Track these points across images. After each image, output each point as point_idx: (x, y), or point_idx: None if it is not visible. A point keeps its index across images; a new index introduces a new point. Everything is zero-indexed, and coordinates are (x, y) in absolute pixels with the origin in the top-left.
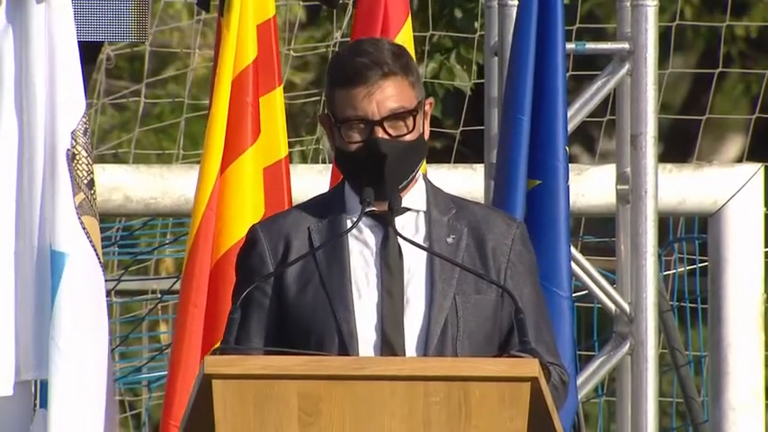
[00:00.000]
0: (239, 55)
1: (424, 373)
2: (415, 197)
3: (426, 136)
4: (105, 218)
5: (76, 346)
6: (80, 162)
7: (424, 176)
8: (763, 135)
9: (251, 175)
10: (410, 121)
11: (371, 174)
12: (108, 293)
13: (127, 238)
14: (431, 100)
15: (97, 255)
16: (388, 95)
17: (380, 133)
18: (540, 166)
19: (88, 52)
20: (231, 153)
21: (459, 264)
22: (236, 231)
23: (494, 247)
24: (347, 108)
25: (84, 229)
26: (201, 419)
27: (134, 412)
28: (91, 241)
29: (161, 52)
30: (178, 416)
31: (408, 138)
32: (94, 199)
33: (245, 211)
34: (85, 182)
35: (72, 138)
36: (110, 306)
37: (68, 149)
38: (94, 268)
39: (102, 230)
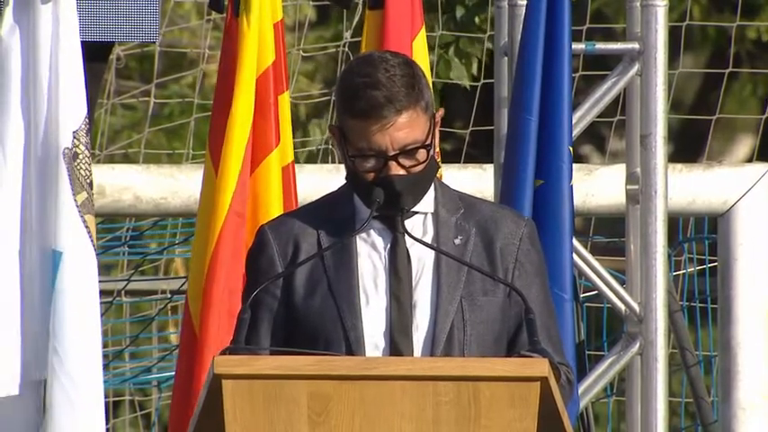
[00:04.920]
0: (261, 54)
1: (434, 372)
2: (423, 199)
3: (436, 147)
4: (115, 218)
5: (72, 345)
6: (83, 161)
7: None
8: None
9: (277, 174)
10: (423, 154)
11: (386, 203)
12: (118, 293)
13: (137, 238)
14: (441, 112)
15: (96, 253)
16: (402, 130)
17: (394, 168)
18: (543, 166)
19: (99, 52)
20: (259, 153)
21: (468, 263)
22: None
23: (502, 247)
24: (360, 140)
25: (86, 227)
26: (211, 419)
27: (144, 412)
28: (92, 240)
29: (171, 52)
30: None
31: (421, 167)
32: (93, 199)
33: (274, 211)
34: (88, 181)
35: (74, 137)
36: (119, 306)
37: (70, 148)
38: (92, 267)
39: (112, 230)
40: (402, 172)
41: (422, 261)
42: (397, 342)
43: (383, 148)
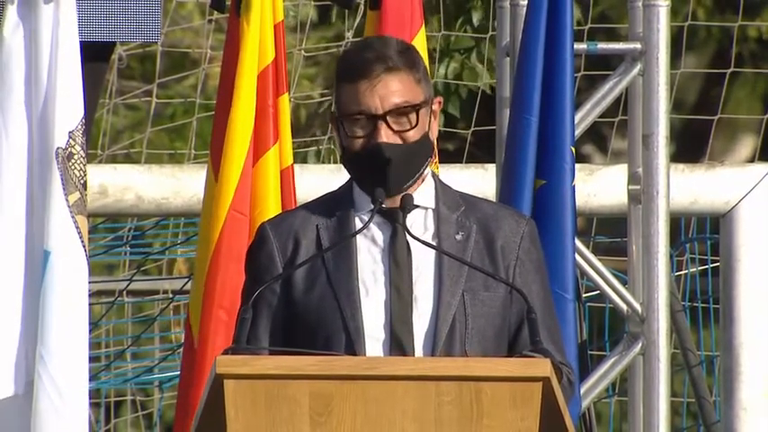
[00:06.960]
0: (261, 53)
1: (436, 372)
2: (423, 194)
3: (434, 135)
4: (117, 218)
5: (57, 350)
6: (77, 162)
7: (433, 174)
8: None
9: (275, 172)
10: (413, 117)
11: (376, 176)
12: (120, 293)
13: (138, 237)
14: (439, 99)
15: (86, 254)
16: (391, 90)
17: (383, 130)
18: (545, 167)
19: (101, 52)
20: (257, 151)
21: (468, 262)
22: None
23: (503, 245)
24: (350, 103)
25: (77, 228)
26: (213, 419)
27: (146, 412)
28: (82, 241)
29: (173, 52)
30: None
31: (412, 136)
32: (86, 199)
33: (270, 209)
34: (82, 181)
35: (70, 137)
36: (121, 306)
37: (65, 148)
38: (82, 268)
39: (114, 230)
40: (392, 140)
41: (423, 254)
42: (398, 334)
43: (372, 108)
